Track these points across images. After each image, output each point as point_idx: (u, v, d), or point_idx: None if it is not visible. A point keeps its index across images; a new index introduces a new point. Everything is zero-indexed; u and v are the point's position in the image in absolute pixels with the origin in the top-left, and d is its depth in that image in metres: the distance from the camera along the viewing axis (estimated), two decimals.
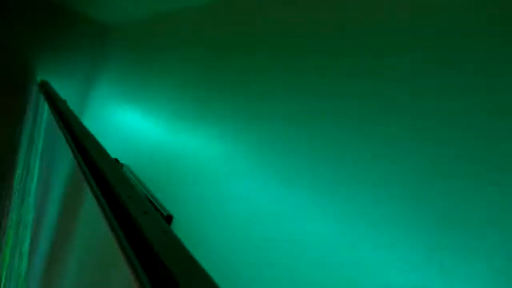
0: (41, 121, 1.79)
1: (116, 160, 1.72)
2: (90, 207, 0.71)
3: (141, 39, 2.38)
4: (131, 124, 2.11)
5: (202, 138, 1.34)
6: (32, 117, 2.26)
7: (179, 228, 1.37)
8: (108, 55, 2.93)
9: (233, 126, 1.19)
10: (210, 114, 1.34)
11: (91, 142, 0.86)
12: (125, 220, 0.48)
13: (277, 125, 0.98)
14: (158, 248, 0.41)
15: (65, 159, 1.00)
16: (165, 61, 1.91)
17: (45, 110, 1.72)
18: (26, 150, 2.11)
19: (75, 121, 1.12)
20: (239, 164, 1.09)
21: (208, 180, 1.24)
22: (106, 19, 2.91)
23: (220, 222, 1.12)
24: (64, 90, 2.92)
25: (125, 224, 0.47)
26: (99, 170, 0.64)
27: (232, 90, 1.26)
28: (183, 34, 1.79)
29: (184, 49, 1.74)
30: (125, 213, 0.50)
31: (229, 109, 1.24)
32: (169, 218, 1.40)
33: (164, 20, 2.06)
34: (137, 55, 2.37)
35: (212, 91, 1.38)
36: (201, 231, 1.22)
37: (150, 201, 1.52)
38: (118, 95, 2.49)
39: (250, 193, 1.01)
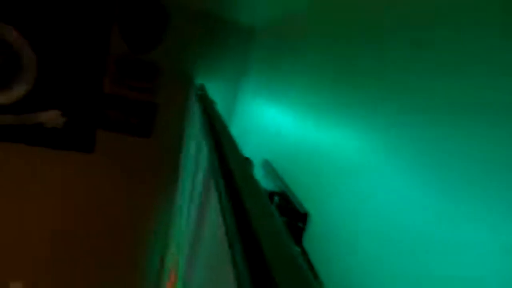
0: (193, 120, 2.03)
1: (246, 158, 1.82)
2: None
3: (279, 39, 2.46)
4: (272, 120, 2.20)
5: (341, 133, 1.28)
6: (188, 117, 2.60)
7: (315, 226, 1.35)
8: (252, 58, 3.13)
9: (373, 120, 1.09)
10: (348, 108, 1.27)
11: (227, 141, 0.91)
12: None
13: (431, 120, 0.84)
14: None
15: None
16: (301, 57, 1.92)
17: (198, 110, 1.94)
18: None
19: (217, 119, 1.22)
20: (382, 160, 0.99)
21: (346, 177, 1.18)
22: (251, 23, 3.12)
23: (358, 220, 1.05)
24: (216, 92, 3.27)
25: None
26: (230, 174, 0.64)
27: (371, 83, 1.16)
28: (318, 29, 1.75)
29: (319, 44, 1.70)
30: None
31: (368, 103, 1.14)
32: (305, 216, 1.40)
33: (301, 19, 2.06)
34: (275, 55, 2.46)
35: (350, 84, 1.30)
36: (338, 229, 1.17)
37: (289, 199, 1.56)
38: (261, 94, 2.64)
39: (392, 193, 0.91)
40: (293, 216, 1.46)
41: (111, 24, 3.11)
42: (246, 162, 0.80)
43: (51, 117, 3.28)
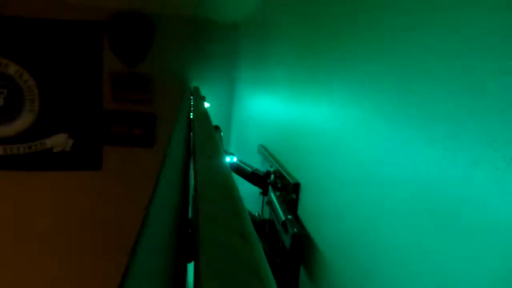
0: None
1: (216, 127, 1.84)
2: None
3: (261, 30, 2.49)
4: (264, 109, 2.23)
5: (320, 110, 1.31)
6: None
7: (306, 195, 1.36)
8: (241, 52, 3.18)
9: (346, 90, 1.11)
10: (323, 86, 1.29)
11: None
12: None
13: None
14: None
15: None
16: (279, 46, 1.95)
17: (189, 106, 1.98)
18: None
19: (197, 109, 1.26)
20: (356, 126, 1.00)
21: (328, 147, 1.20)
22: (233, 19, 3.17)
23: (344, 187, 1.06)
24: (213, 92, 3.32)
25: None
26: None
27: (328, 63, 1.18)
28: (291, 18, 1.78)
29: (292, 31, 1.73)
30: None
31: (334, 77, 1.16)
32: (296, 186, 1.41)
33: (276, 7, 2.10)
34: (259, 46, 2.49)
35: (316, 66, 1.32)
36: (327, 197, 1.18)
37: (282, 174, 1.58)
38: (253, 86, 2.68)
39: (381, 156, 0.90)
40: (287, 189, 1.48)
41: (102, 42, 3.21)
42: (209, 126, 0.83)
43: (59, 141, 3.40)
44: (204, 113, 0.78)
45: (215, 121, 3.35)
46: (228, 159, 1.32)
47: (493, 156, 0.49)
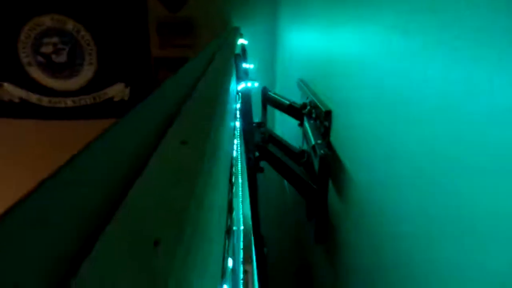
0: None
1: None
2: None
3: None
4: (301, 42, 2.20)
5: (349, 43, 1.28)
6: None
7: (336, 121, 1.39)
8: None
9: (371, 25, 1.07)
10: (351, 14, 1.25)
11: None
12: None
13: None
14: None
15: None
16: None
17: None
18: None
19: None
20: (383, 52, 0.99)
21: (357, 75, 1.19)
22: None
23: (371, 109, 1.07)
24: (256, 30, 3.30)
25: None
26: None
27: None
28: None
29: None
30: None
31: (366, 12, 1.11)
32: (328, 113, 1.44)
33: None
34: None
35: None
36: (355, 121, 1.21)
37: (313, 103, 1.60)
38: (293, 24, 2.62)
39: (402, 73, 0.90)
40: (320, 117, 1.51)
41: None
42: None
43: (118, 90, 3.68)
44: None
45: (260, 60, 3.35)
46: (249, 84, 1.36)
47: None
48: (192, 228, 0.20)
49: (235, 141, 0.58)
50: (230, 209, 0.40)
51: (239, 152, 1.26)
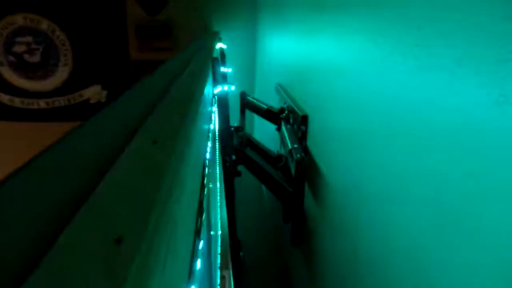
0: None
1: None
2: None
3: None
4: (279, 48, 2.23)
5: (323, 49, 1.31)
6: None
7: (313, 125, 1.41)
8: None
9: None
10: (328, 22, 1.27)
11: None
12: None
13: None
14: None
15: None
16: None
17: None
18: None
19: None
20: (355, 59, 1.01)
21: (333, 81, 1.22)
22: None
23: (345, 114, 1.09)
24: (235, 35, 3.31)
25: None
26: None
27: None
28: None
29: None
30: None
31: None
32: (304, 118, 1.46)
33: None
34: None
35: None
36: (330, 126, 1.23)
37: (290, 107, 1.62)
38: (272, 31, 2.66)
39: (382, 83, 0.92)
40: (297, 122, 1.53)
41: None
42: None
43: (94, 92, 3.60)
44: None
45: (239, 65, 3.35)
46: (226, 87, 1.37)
47: None
48: (156, 227, 0.21)
49: (209, 144, 0.58)
50: (200, 210, 0.40)
51: (216, 156, 1.26)
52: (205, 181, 0.46)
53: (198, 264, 0.36)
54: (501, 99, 0.42)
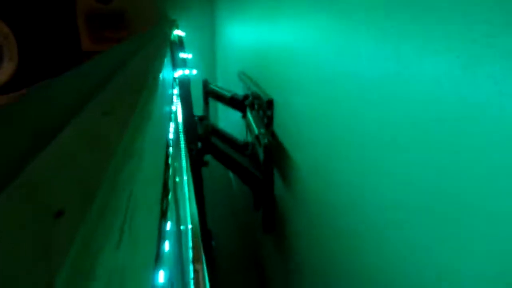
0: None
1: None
2: None
3: None
4: (242, 38, 2.19)
5: (288, 34, 1.28)
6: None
7: (279, 110, 1.39)
8: None
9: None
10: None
11: None
12: None
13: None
14: None
15: None
16: None
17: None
18: None
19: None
20: (321, 43, 0.99)
21: (296, 65, 1.20)
22: None
23: (312, 100, 1.08)
24: (193, 22, 3.22)
25: None
26: None
27: None
28: None
29: None
30: None
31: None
32: (270, 102, 1.43)
33: None
34: None
35: None
36: (296, 110, 1.21)
37: (255, 93, 1.59)
38: (230, 14, 2.59)
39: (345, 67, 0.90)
40: (262, 107, 1.50)
41: None
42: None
43: None
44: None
45: (199, 54, 3.27)
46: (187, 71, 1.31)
47: None
48: (105, 200, 0.17)
49: (172, 124, 0.54)
50: (165, 190, 0.37)
51: (181, 144, 1.20)
52: (169, 160, 0.42)
53: (167, 246, 0.32)
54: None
